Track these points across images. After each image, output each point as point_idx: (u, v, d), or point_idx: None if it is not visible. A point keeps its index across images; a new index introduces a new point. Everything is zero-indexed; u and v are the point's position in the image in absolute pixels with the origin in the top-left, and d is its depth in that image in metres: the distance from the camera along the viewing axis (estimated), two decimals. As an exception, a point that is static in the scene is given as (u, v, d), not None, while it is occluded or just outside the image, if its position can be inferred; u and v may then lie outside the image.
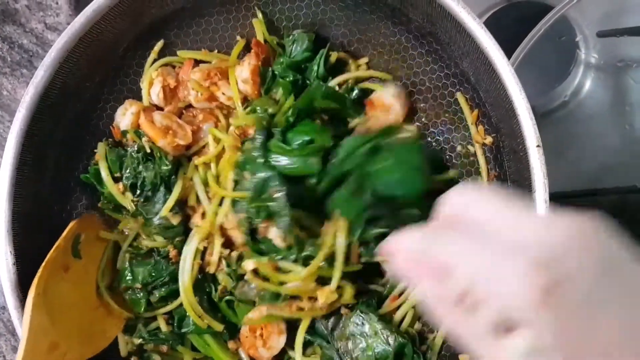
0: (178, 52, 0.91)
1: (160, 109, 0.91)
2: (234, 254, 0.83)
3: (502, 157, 0.80)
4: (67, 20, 1.09)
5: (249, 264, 0.79)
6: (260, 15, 0.88)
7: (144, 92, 0.90)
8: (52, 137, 0.87)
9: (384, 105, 0.84)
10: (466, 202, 0.45)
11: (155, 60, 0.91)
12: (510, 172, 0.79)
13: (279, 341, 0.80)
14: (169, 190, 0.84)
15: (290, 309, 0.78)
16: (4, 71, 1.08)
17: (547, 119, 1.04)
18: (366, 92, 0.87)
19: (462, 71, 0.83)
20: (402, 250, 0.46)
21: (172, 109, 0.90)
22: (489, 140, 0.82)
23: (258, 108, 0.84)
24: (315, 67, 0.86)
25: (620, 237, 0.41)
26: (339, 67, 0.89)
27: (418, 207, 0.73)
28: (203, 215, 0.85)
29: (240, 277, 0.83)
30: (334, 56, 0.87)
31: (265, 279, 0.79)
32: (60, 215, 0.89)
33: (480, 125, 0.83)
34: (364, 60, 0.89)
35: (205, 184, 0.86)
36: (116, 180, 0.86)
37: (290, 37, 0.88)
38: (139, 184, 0.85)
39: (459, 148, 0.84)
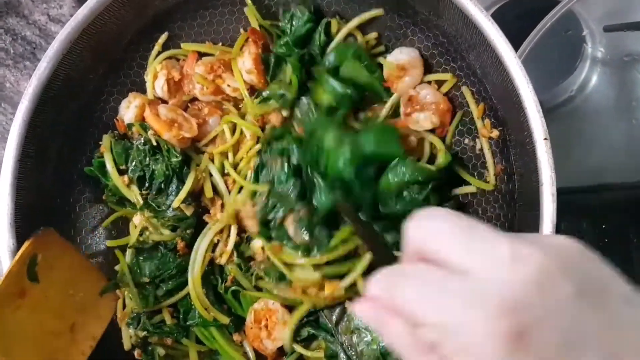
0: (182, 45, 0.90)
1: (164, 102, 0.90)
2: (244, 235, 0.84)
3: (509, 150, 0.80)
4: (71, 12, 1.09)
5: (257, 243, 0.80)
6: (249, 1, 0.87)
7: (148, 85, 0.90)
8: (55, 129, 0.86)
9: (402, 67, 0.83)
10: (426, 237, 0.41)
11: (159, 53, 0.91)
12: (517, 166, 0.78)
13: (284, 333, 0.80)
14: (181, 181, 0.84)
15: (294, 291, 0.78)
16: (7, 63, 1.08)
17: (553, 114, 1.03)
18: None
19: (469, 64, 0.82)
20: (369, 297, 0.43)
21: (176, 102, 0.89)
22: (495, 133, 0.81)
23: (271, 97, 0.84)
24: (317, 36, 0.85)
25: (598, 260, 0.39)
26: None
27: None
28: (221, 207, 0.85)
29: (247, 269, 0.83)
30: (334, 24, 0.86)
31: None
32: (63, 207, 0.88)
33: (487, 119, 0.82)
34: (373, 35, 0.87)
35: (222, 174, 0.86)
36: (121, 172, 0.85)
37: (289, 13, 0.86)
38: (147, 176, 0.84)
39: (465, 142, 0.84)
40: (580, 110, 1.03)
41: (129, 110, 0.89)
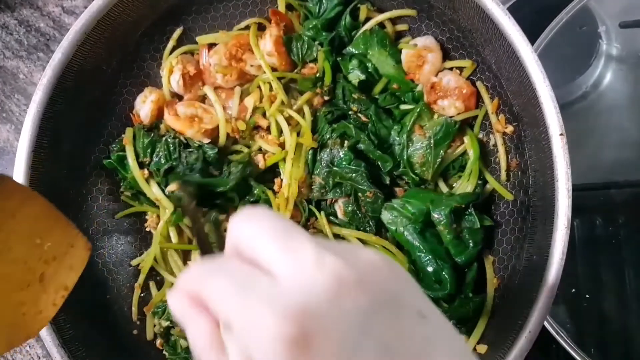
0: (197, 38, 0.90)
1: (180, 97, 0.91)
2: None
3: (523, 146, 0.79)
4: (84, 4, 1.09)
5: None
6: None
7: (164, 81, 0.90)
8: (69, 121, 0.86)
9: (419, 54, 0.83)
10: (244, 234, 0.41)
11: (174, 48, 0.91)
12: (532, 162, 0.78)
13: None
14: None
15: None
16: (21, 54, 1.08)
17: (567, 111, 1.02)
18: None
19: (484, 59, 0.82)
20: (181, 288, 0.42)
21: (192, 97, 0.90)
22: (509, 129, 0.80)
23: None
24: (344, 18, 0.86)
25: (403, 276, 0.40)
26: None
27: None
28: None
29: None
30: (363, 11, 0.87)
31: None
32: (75, 199, 0.88)
33: (501, 114, 0.82)
34: (403, 27, 0.88)
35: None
36: (141, 166, 0.86)
37: None
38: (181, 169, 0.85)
39: (479, 137, 0.83)
40: (594, 107, 1.02)
41: (145, 104, 0.89)
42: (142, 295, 0.88)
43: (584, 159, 0.99)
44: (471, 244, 0.79)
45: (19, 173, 0.80)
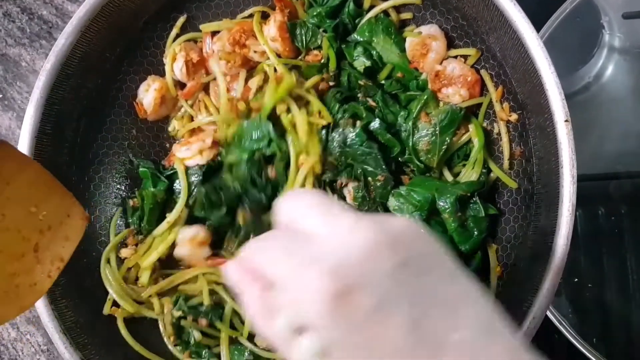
0: (200, 26, 0.90)
1: (182, 85, 0.90)
2: None
3: (528, 134, 0.79)
4: (87, -8, 1.08)
5: None
6: None
7: (167, 68, 0.90)
8: (71, 108, 0.86)
9: (423, 42, 0.83)
10: (293, 208, 0.47)
11: (177, 36, 0.91)
12: (536, 149, 0.78)
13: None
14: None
15: None
16: (23, 42, 1.08)
17: (569, 102, 1.01)
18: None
19: (488, 47, 0.82)
20: (238, 259, 0.48)
21: (194, 84, 0.89)
22: (514, 117, 0.80)
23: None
24: (347, 5, 0.86)
25: (432, 240, 0.44)
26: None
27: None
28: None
29: None
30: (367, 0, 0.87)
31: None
32: (78, 186, 0.88)
33: (506, 102, 0.82)
34: (407, 15, 0.87)
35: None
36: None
37: None
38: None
39: (483, 125, 0.83)
40: (596, 98, 1.03)
41: (148, 93, 0.89)
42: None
43: (587, 150, 0.99)
44: (475, 232, 0.79)
45: (22, 159, 0.79)
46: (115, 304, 0.83)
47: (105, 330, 0.82)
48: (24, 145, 0.80)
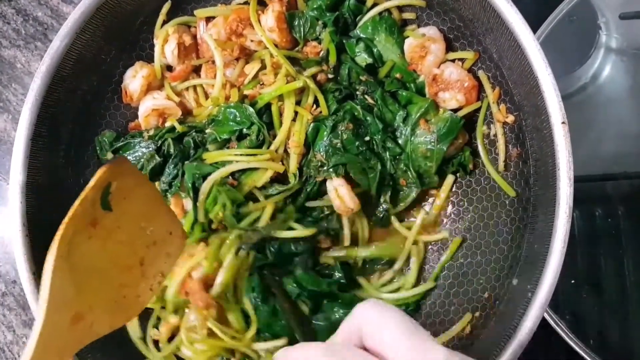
0: (195, 12, 0.89)
1: (171, 69, 0.90)
2: None
3: (524, 135, 0.79)
4: (82, -7, 1.08)
5: None
6: None
7: (157, 50, 0.89)
8: (67, 110, 0.86)
9: (422, 45, 0.83)
10: (374, 319, 0.42)
11: (164, 23, 0.90)
12: (533, 151, 0.78)
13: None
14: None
15: None
16: (18, 44, 1.07)
17: (566, 103, 1.01)
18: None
19: (485, 49, 0.81)
20: None
21: (184, 68, 0.89)
22: (510, 118, 0.80)
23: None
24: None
25: None
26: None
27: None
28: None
29: None
30: None
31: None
32: (73, 188, 0.87)
33: (502, 104, 0.82)
34: (411, 15, 0.87)
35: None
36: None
37: None
38: None
39: (480, 127, 0.83)
40: (593, 99, 1.03)
41: (135, 79, 0.89)
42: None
43: (584, 151, 0.99)
44: None
45: (17, 162, 0.79)
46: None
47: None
48: (19, 147, 0.80)
